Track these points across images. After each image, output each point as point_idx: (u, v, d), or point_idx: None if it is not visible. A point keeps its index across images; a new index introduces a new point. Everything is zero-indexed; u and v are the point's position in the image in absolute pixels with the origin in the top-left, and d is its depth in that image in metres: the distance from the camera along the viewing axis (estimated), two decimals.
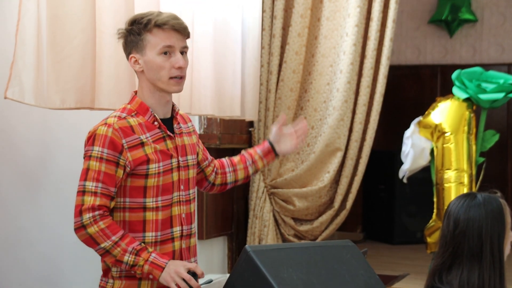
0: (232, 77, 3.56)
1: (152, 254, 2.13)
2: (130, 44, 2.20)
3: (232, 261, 4.27)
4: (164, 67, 2.18)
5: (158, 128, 2.22)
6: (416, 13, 6.41)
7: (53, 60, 2.51)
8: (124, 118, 2.18)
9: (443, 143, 3.97)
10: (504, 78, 4.01)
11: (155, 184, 2.20)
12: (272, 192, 4.25)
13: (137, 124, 2.19)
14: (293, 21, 4.13)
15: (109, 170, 2.13)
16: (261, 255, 2.05)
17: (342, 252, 2.22)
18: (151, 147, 2.19)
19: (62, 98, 2.56)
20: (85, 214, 2.10)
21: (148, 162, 2.18)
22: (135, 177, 2.18)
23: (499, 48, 6.21)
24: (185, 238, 2.28)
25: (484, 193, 2.11)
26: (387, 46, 4.10)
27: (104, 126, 2.15)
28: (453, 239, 2.06)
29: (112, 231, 2.11)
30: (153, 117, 2.22)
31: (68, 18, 2.53)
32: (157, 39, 2.16)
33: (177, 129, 2.28)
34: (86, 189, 2.12)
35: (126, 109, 2.22)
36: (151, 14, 2.19)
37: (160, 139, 2.22)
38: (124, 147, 2.15)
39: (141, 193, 2.19)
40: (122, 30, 2.21)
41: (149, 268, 2.11)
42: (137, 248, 2.12)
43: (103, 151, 2.13)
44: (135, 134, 2.17)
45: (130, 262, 2.11)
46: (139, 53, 2.19)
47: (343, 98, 4.08)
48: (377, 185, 6.11)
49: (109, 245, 2.10)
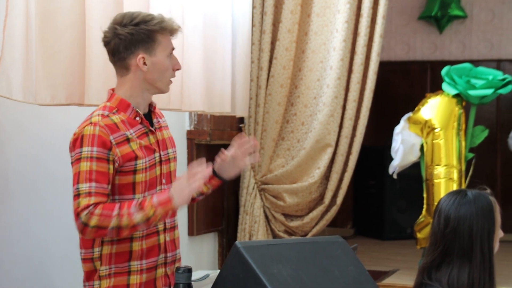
0: (222, 73, 3.55)
1: (154, 198, 2.12)
2: (137, 43, 2.20)
3: (222, 257, 4.27)
4: (169, 69, 2.27)
5: (140, 123, 2.25)
6: (405, 9, 6.42)
7: (43, 55, 2.50)
8: (107, 116, 2.20)
9: (433, 139, 3.98)
10: (493, 74, 4.03)
11: (143, 179, 2.22)
12: (263, 188, 4.26)
13: (120, 121, 2.21)
14: (283, 17, 4.13)
15: (101, 168, 2.13)
16: (251, 251, 2.05)
17: (332, 248, 2.22)
18: (137, 143, 2.21)
19: (52, 94, 2.55)
20: (82, 214, 2.10)
21: (136, 158, 2.19)
22: (123, 174, 2.19)
23: (488, 44, 6.23)
24: (169, 231, 2.32)
25: (474, 190, 2.12)
26: (377, 42, 4.11)
27: (90, 126, 2.16)
28: (443, 237, 2.07)
29: (109, 209, 2.10)
30: (135, 113, 2.24)
31: (57, 13, 2.52)
32: (167, 41, 2.25)
33: (156, 123, 2.32)
34: (81, 191, 2.12)
35: (107, 107, 2.23)
36: (152, 16, 2.24)
37: (143, 134, 2.25)
38: (112, 143, 2.16)
39: (131, 190, 2.21)
40: (121, 30, 2.19)
41: (160, 209, 2.11)
42: (137, 204, 2.11)
43: (92, 150, 2.13)
44: (120, 130, 2.19)
45: (143, 219, 2.10)
46: (149, 53, 2.22)
47: (333, 94, 4.08)
48: (367, 180, 6.12)
49: (115, 221, 2.09)
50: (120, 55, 2.22)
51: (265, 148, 4.24)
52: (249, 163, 2.45)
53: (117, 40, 2.20)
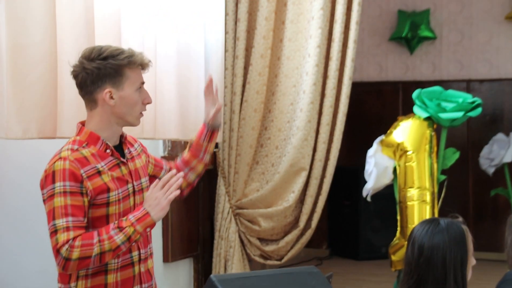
0: (196, 99, 3.55)
1: (130, 216, 2.14)
2: (104, 77, 2.21)
3: (198, 283, 4.24)
4: (138, 102, 2.27)
5: (111, 155, 2.25)
6: (377, 30, 6.51)
7: (15, 89, 2.49)
8: (77, 150, 2.20)
9: (405, 162, 4.02)
10: (463, 97, 4.08)
11: (117, 211, 2.22)
12: (238, 213, 4.25)
13: (90, 155, 2.21)
14: (256, 42, 4.16)
15: (75, 202, 2.13)
16: (226, 284, 2.05)
17: (307, 279, 2.22)
18: (108, 175, 2.21)
19: (24, 128, 2.54)
20: (62, 249, 2.09)
21: (108, 191, 2.19)
22: (96, 207, 2.19)
23: (458, 65, 6.34)
24: (143, 262, 2.32)
25: (446, 219, 2.15)
26: (348, 66, 4.15)
27: (60, 161, 2.15)
28: (417, 267, 2.09)
29: (89, 238, 2.10)
30: (105, 145, 2.24)
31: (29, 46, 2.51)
32: (135, 75, 2.25)
33: (128, 154, 2.32)
34: (58, 227, 2.11)
35: (76, 141, 2.23)
36: (121, 50, 2.24)
37: (114, 166, 2.25)
38: (83, 176, 2.15)
39: (104, 222, 2.20)
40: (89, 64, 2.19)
41: (139, 226, 2.13)
42: (115, 227, 2.12)
43: (65, 184, 2.12)
44: (91, 163, 2.18)
45: (124, 238, 2.11)
46: (116, 87, 2.22)
47: (306, 118, 4.10)
48: (341, 201, 6.16)
49: (98, 249, 2.10)
50: (87, 89, 2.23)
51: (239, 173, 4.24)
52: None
53: (84, 74, 2.21)
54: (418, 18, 6.27)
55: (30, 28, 2.50)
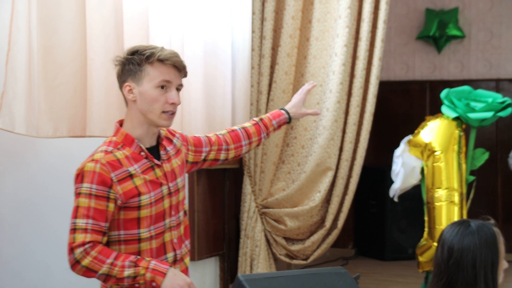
0: (223, 98, 3.57)
1: (152, 262, 2.14)
2: (127, 72, 2.22)
3: (224, 282, 4.25)
4: (158, 100, 2.22)
5: (145, 158, 2.24)
6: (404, 29, 6.45)
7: (46, 89, 2.52)
8: (110, 152, 2.20)
9: (433, 162, 3.98)
10: (493, 97, 4.03)
11: (149, 214, 2.22)
12: (263, 212, 4.25)
13: (124, 157, 2.21)
14: (282, 41, 4.15)
15: (99, 206, 2.14)
16: (253, 284, 2.06)
17: (335, 280, 2.22)
18: (141, 178, 2.21)
19: (55, 126, 2.56)
20: (77, 250, 2.12)
21: (140, 194, 2.20)
22: (128, 209, 2.19)
23: (486, 64, 6.26)
24: (179, 262, 2.32)
25: (477, 221, 2.12)
26: (376, 65, 4.12)
27: (91, 163, 2.17)
28: (447, 269, 2.06)
29: (105, 255, 2.12)
30: (139, 148, 2.23)
31: (59, 47, 2.54)
32: (157, 72, 2.21)
33: (164, 155, 2.30)
34: (77, 226, 2.13)
35: (112, 142, 2.24)
36: (154, 47, 2.23)
37: (148, 168, 2.24)
38: (113, 180, 2.16)
39: (135, 225, 2.21)
40: (120, 58, 2.23)
41: (151, 275, 2.12)
42: (133, 260, 2.13)
43: (92, 187, 2.14)
44: (123, 166, 2.19)
45: (132, 275, 2.11)
46: (136, 82, 2.22)
47: (333, 117, 4.09)
48: (368, 200, 6.12)
49: (107, 269, 2.11)
50: (119, 84, 2.26)
51: (265, 172, 4.24)
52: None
53: (116, 69, 2.25)
54: (446, 17, 6.20)
55: (60, 29, 2.53)
